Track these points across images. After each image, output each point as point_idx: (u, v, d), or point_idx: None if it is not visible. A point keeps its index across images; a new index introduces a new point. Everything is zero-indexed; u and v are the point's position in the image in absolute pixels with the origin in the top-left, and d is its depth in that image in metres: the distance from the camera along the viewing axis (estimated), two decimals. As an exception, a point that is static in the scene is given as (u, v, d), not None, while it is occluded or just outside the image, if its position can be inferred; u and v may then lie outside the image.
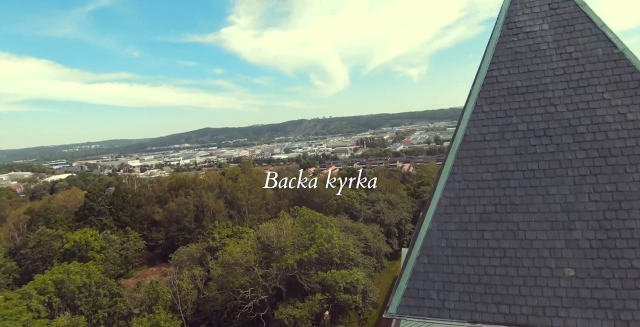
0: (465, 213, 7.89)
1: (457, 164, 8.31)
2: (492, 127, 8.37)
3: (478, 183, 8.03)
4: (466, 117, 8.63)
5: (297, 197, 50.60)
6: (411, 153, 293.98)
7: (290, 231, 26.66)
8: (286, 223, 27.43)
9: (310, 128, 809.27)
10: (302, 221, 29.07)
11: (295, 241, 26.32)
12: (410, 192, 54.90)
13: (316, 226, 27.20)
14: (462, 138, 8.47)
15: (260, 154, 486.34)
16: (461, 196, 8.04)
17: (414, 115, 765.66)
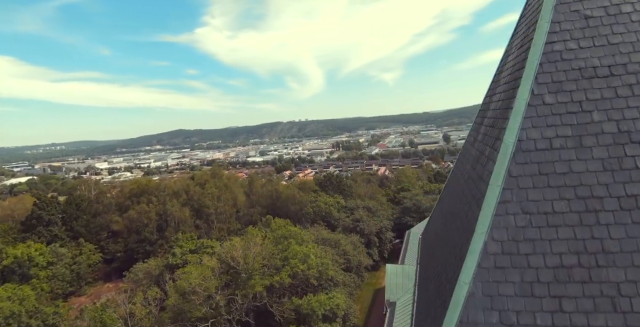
0: (530, 267, 4.86)
1: (509, 187, 5.27)
2: (562, 128, 5.40)
3: (547, 217, 5.02)
4: (518, 112, 5.62)
5: (270, 204, 47.08)
6: (387, 156, 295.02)
7: (260, 249, 23.17)
8: (255, 240, 23.86)
9: (286, 131, 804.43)
10: (274, 237, 25.61)
11: (266, 262, 22.88)
12: (389, 198, 52.36)
13: (290, 242, 23.85)
14: (515, 145, 5.45)
15: (234, 156, 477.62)
16: (521, 238, 5.00)
17: (389, 119, 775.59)
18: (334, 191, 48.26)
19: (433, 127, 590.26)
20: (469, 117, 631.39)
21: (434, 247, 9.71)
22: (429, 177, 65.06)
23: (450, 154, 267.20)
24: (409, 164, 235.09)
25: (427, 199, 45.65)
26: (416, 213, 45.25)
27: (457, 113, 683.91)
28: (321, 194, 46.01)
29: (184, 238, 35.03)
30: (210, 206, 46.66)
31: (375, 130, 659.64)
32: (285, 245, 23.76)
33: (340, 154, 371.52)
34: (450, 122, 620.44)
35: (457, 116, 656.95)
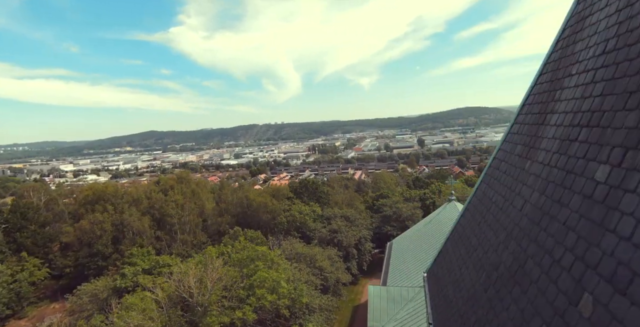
0: None
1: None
2: None
3: None
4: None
5: (241, 213, 43.38)
6: (362, 160, 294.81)
7: (220, 273, 19.56)
8: (214, 264, 20.20)
9: (262, 133, 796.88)
10: (239, 259, 22.01)
11: (226, 293, 19.33)
12: (368, 205, 49.72)
13: (257, 266, 20.34)
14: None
15: (208, 159, 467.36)
16: None
17: (365, 123, 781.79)
18: (310, 198, 45.11)
19: (408, 132, 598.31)
20: (442, 122, 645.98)
21: (459, 302, 6.72)
22: (408, 183, 62.98)
23: (425, 158, 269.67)
24: (385, 168, 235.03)
25: (408, 207, 43.23)
26: (397, 222, 42.73)
27: (431, 118, 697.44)
28: (296, 201, 42.76)
29: (140, 254, 30.89)
30: (175, 215, 42.48)
31: (351, 134, 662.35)
32: (251, 269, 20.24)
33: (317, 158, 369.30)
34: (424, 127, 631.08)
35: (431, 121, 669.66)
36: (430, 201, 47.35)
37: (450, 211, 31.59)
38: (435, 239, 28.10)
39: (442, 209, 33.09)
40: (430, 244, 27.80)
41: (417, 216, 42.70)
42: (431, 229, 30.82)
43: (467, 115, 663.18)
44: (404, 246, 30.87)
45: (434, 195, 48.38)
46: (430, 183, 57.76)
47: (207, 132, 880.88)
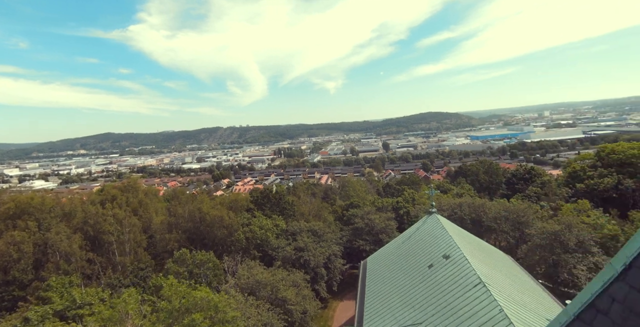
0: None
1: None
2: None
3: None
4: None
5: (193, 229, 37.74)
6: (329, 164, 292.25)
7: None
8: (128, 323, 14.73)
9: (226, 136, 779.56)
10: (167, 312, 16.46)
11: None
12: (337, 216, 45.60)
13: (194, 320, 14.96)
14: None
15: (169, 163, 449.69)
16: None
17: (331, 127, 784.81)
18: (273, 210, 40.23)
19: (373, 136, 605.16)
20: (406, 126, 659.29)
21: None
22: (378, 190, 59.52)
23: (390, 162, 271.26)
24: (351, 172, 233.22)
25: (381, 218, 39.41)
26: (369, 235, 38.77)
27: (395, 122, 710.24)
28: (257, 214, 37.74)
29: (60, 284, 24.81)
30: (114, 232, 36.18)
31: (317, 138, 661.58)
32: (186, 324, 14.93)
33: (282, 161, 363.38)
34: (388, 131, 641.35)
35: (395, 125, 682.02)
36: (404, 210, 43.88)
37: (432, 226, 27.93)
38: (418, 260, 24.24)
39: (422, 223, 29.39)
40: (413, 266, 23.88)
41: (392, 228, 39.00)
42: (412, 247, 26.97)
43: (430, 120, 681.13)
44: (381, 268, 26.80)
45: (407, 204, 44.97)
46: (402, 190, 54.49)
47: (169, 134, 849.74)
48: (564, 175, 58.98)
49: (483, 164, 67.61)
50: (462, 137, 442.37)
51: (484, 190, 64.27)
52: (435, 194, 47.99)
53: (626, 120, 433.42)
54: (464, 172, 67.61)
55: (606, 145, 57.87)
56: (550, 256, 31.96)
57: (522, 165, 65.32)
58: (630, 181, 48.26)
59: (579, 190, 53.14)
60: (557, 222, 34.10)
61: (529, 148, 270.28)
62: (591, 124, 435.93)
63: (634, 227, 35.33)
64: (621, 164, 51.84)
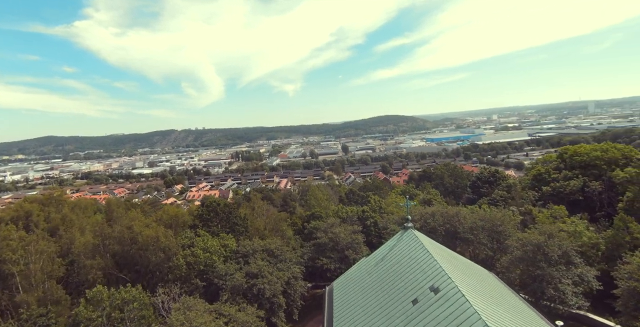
0: None
1: None
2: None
3: None
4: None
5: (124, 253, 31.00)
6: (288, 167, 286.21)
7: None
8: None
9: (181, 139, 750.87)
10: None
11: None
12: (297, 229, 40.53)
13: None
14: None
15: (118, 168, 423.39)
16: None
17: (290, 129, 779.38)
18: (222, 226, 34.34)
19: (332, 138, 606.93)
20: (364, 129, 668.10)
21: None
22: (341, 197, 55.14)
23: (350, 165, 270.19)
24: (311, 175, 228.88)
25: (347, 232, 34.79)
26: (334, 252, 34.03)
27: (354, 125, 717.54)
28: (201, 233, 31.71)
29: None
30: (20, 262, 28.75)
31: (276, 140, 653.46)
32: None
33: (240, 165, 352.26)
34: (347, 134, 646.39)
35: (354, 128, 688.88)
36: (371, 220, 39.62)
37: (410, 244, 23.59)
38: (398, 292, 19.71)
39: (397, 240, 25.01)
40: (392, 301, 19.30)
41: (359, 243, 34.53)
42: (388, 272, 22.44)
43: (387, 123, 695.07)
44: (351, 300, 22.03)
45: (374, 213, 40.80)
46: (366, 197, 50.42)
47: (118, 138, 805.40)
48: (528, 178, 57.88)
49: (447, 167, 65.42)
50: (418, 139, 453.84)
51: (449, 194, 61.89)
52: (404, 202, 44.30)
53: (565, 123, 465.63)
54: (428, 175, 65.04)
55: (568, 148, 57.45)
56: (535, 270, 28.88)
57: (486, 168, 63.72)
58: (596, 183, 47.33)
59: (545, 193, 51.83)
60: (538, 231, 31.23)
61: (481, 150, 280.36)
62: (535, 126, 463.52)
63: (616, 233, 33.34)
64: (585, 166, 51.10)
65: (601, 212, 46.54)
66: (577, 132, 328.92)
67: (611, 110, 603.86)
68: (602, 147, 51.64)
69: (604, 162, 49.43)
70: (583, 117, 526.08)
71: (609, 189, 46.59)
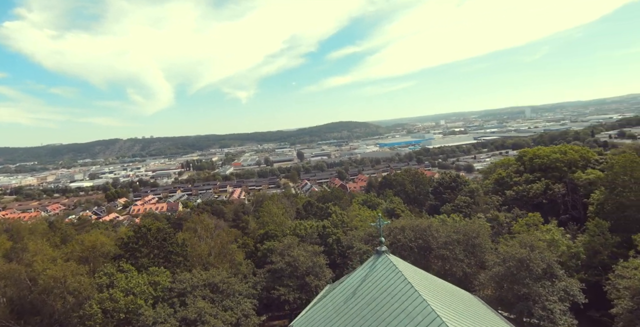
0: None
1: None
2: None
3: None
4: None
5: (21, 298, 23.72)
6: (242, 176, 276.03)
7: None
8: None
9: (127, 149, 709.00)
10: None
11: None
12: (249, 251, 34.99)
13: None
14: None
15: (54, 181, 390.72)
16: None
17: (244, 137, 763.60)
18: (155, 256, 27.80)
19: (287, 145, 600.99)
20: (319, 135, 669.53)
21: None
22: (298, 210, 50.13)
23: (306, 172, 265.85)
24: (266, 184, 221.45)
25: (307, 254, 29.84)
26: (292, 278, 28.91)
27: (309, 132, 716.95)
28: (126, 267, 25.14)
29: None
30: None
31: (229, 148, 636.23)
32: None
33: (191, 175, 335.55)
34: (302, 140, 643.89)
35: (309, 135, 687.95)
36: (333, 238, 35.00)
37: (386, 274, 19.13)
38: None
39: (370, 268, 20.44)
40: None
41: (321, 266, 29.73)
42: (362, 312, 17.78)
43: (341, 129, 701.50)
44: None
45: (336, 229, 36.24)
46: (326, 209, 45.88)
47: (55, 148, 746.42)
48: (490, 182, 56.51)
49: (408, 173, 62.75)
50: (372, 145, 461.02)
51: (412, 201, 59.04)
52: (368, 214, 40.09)
53: (506, 127, 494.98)
54: (389, 182, 61.97)
55: (527, 150, 56.94)
56: (521, 289, 25.66)
57: (447, 173, 61.79)
58: (559, 186, 46.32)
59: (508, 197, 50.31)
60: (519, 243, 28.26)
61: (432, 153, 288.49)
62: (479, 130, 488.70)
63: (592, 239, 31.30)
64: (545, 169, 50.25)
65: (566, 215, 45.58)
66: (517, 135, 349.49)
67: (545, 114, 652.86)
68: (560, 149, 51.18)
69: (564, 164, 48.77)
70: (521, 121, 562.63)
71: (572, 192, 45.80)
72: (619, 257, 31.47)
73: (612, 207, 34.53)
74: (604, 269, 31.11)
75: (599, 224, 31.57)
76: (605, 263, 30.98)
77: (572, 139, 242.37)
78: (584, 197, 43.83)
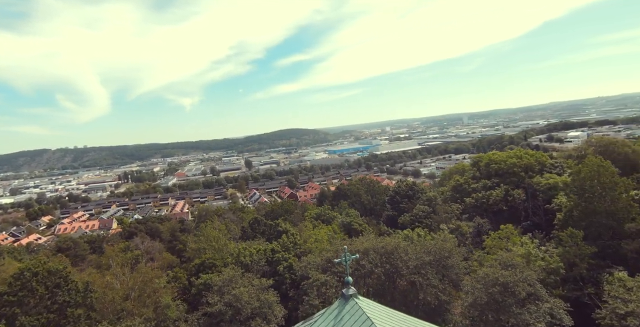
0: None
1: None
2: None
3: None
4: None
5: None
6: (186, 187, 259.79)
7: None
8: None
9: (56, 160, 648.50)
10: None
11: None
12: (183, 288, 28.36)
13: None
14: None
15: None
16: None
17: (188, 145, 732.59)
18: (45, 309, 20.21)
19: (234, 154, 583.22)
20: (267, 143, 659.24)
21: None
22: (244, 229, 43.73)
23: (254, 181, 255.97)
24: (212, 195, 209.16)
25: (253, 290, 23.98)
26: (234, 323, 22.90)
27: (257, 139, 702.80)
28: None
29: None
30: None
31: (172, 158, 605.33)
32: None
33: (129, 187, 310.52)
34: (250, 148, 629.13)
35: (257, 142, 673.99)
36: (284, 265, 29.34)
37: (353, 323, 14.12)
38: None
39: (335, 317, 15.29)
40: None
41: (270, 305, 23.98)
42: None
43: (290, 136, 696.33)
44: None
45: (288, 254, 30.67)
46: (276, 227, 40.20)
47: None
48: (447, 189, 54.24)
49: (363, 182, 58.87)
50: (321, 151, 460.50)
51: (368, 212, 55.07)
52: (324, 233, 34.89)
53: (447, 133, 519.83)
54: (343, 193, 57.58)
55: (482, 156, 55.58)
56: (508, 319, 21.92)
57: (403, 181, 58.78)
58: (519, 191, 44.66)
59: (468, 205, 48.03)
60: (499, 264, 24.69)
61: (380, 159, 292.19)
62: (422, 136, 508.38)
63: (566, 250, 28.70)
64: (503, 174, 48.74)
65: (527, 221, 44.00)
66: (457, 140, 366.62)
67: (480, 120, 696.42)
68: (516, 154, 50.00)
69: (521, 169, 47.47)
70: (460, 127, 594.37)
71: (532, 197, 44.35)
72: (596, 269, 29.38)
73: (580, 213, 32.60)
74: (583, 282, 28.78)
75: (573, 234, 29.15)
76: (583, 276, 28.67)
77: (508, 143, 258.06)
78: (544, 202, 42.53)
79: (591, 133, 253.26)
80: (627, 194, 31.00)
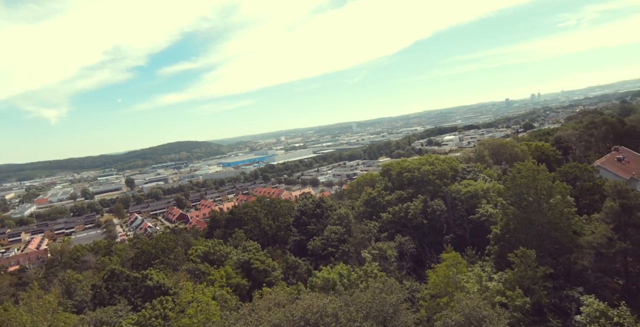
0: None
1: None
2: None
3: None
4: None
5: None
6: (47, 217, 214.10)
7: None
8: None
9: None
10: None
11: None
12: None
13: None
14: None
15: None
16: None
17: (54, 165, 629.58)
18: None
19: (113, 172, 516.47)
20: (153, 158, 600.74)
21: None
22: (95, 287, 29.93)
23: (137, 202, 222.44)
24: (82, 224, 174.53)
25: None
26: None
27: (141, 155, 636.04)
28: None
29: None
30: None
31: (33, 181, 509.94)
32: None
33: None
34: (133, 165, 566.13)
35: (141, 158, 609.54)
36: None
37: None
38: None
39: None
40: None
41: None
42: None
43: (179, 150, 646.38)
44: None
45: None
46: (143, 279, 27.92)
47: None
48: (359, 204, 47.83)
49: (262, 203, 48.99)
50: (215, 164, 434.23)
51: (271, 241, 45.47)
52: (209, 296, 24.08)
53: (339, 140, 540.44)
54: (239, 218, 46.83)
55: (391, 164, 50.62)
56: None
57: (309, 197, 50.69)
58: (439, 201, 40.02)
59: (385, 220, 41.98)
60: (464, 316, 17.55)
61: (277, 170, 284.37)
62: (317, 145, 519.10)
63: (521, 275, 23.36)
64: (417, 183, 44.11)
65: (450, 234, 39.65)
66: (350, 147, 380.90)
67: (368, 128, 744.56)
68: (428, 160, 45.92)
69: (436, 176, 43.33)
70: (350, 135, 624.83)
71: (452, 207, 40.19)
72: (554, 293, 24.78)
73: (517, 225, 28.22)
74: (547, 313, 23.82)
75: (525, 254, 24.09)
76: (543, 305, 23.72)
77: (395, 148, 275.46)
78: (467, 212, 38.67)
79: (462, 136, 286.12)
80: (564, 199, 27.44)
